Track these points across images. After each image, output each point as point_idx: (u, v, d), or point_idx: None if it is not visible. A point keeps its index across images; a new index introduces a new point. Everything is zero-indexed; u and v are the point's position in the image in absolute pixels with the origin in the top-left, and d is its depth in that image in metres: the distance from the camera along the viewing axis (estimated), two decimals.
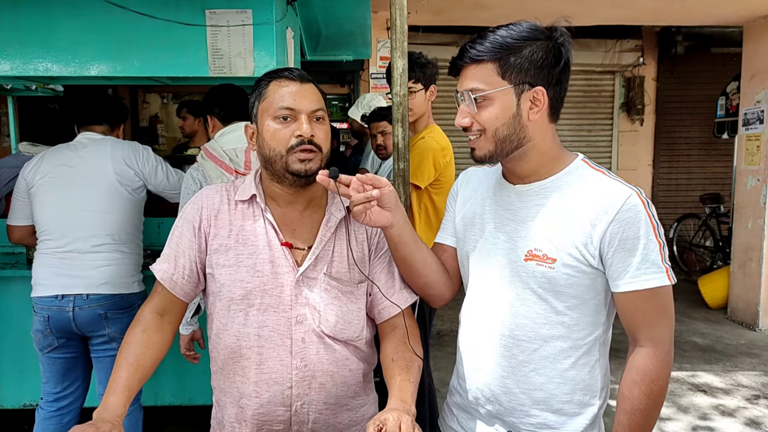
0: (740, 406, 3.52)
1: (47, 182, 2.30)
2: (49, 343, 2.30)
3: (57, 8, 2.31)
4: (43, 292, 2.27)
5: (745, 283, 5.10)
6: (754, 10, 4.67)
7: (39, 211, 2.32)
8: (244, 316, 1.26)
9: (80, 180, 2.30)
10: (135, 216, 2.41)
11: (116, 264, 2.31)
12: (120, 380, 1.18)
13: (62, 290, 2.24)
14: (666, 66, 7.04)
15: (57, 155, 2.35)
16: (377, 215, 1.21)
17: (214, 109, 2.38)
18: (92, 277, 2.27)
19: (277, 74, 1.29)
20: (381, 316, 1.36)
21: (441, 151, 2.42)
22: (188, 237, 1.30)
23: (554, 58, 1.13)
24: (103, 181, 2.31)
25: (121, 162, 2.35)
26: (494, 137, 1.15)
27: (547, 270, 1.15)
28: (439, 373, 3.82)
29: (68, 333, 2.29)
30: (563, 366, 1.18)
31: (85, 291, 2.25)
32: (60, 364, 2.34)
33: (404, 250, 1.28)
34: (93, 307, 2.26)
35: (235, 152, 2.24)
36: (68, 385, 2.37)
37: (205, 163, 2.24)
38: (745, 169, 5.11)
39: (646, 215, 1.11)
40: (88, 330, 2.29)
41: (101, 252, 2.29)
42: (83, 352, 2.38)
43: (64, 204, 2.28)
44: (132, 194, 2.37)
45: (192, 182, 2.24)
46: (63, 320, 2.25)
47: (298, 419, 1.27)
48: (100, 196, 2.30)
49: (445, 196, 2.46)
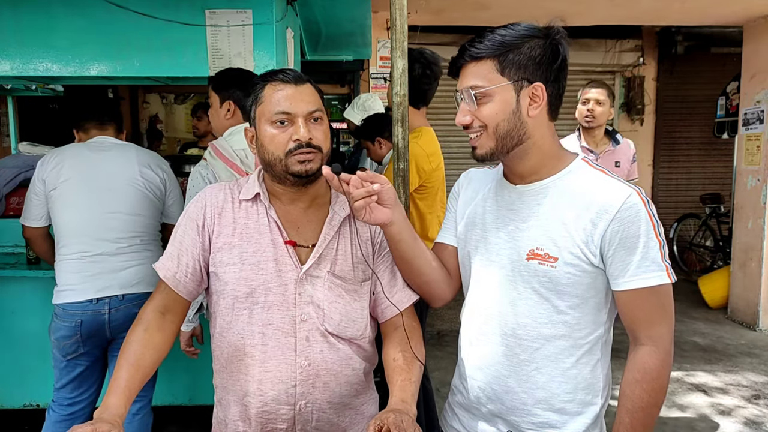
0: (740, 405, 3.52)
1: (72, 185, 2.24)
2: (75, 349, 2.26)
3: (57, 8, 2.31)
4: (74, 297, 2.22)
5: (745, 283, 5.10)
6: (754, 10, 4.67)
7: (64, 215, 2.25)
8: (248, 314, 1.26)
9: (108, 181, 2.26)
10: (158, 218, 2.41)
11: (146, 262, 2.30)
12: (120, 380, 1.18)
13: (97, 293, 2.21)
14: (666, 66, 7.04)
15: (79, 157, 2.29)
16: (377, 212, 1.21)
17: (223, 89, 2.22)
18: (125, 277, 2.25)
19: (272, 77, 1.28)
20: (383, 315, 1.36)
21: (426, 158, 2.36)
22: (192, 235, 1.30)
23: (552, 55, 1.15)
24: (132, 183, 2.29)
25: (148, 167, 2.34)
26: (495, 133, 1.16)
27: (548, 269, 1.15)
28: (439, 373, 3.82)
29: (97, 338, 2.26)
30: (565, 365, 1.18)
31: (121, 291, 2.23)
32: (79, 371, 2.31)
33: (404, 248, 1.28)
34: (129, 306, 2.24)
35: (245, 153, 2.16)
36: (84, 391, 2.34)
37: (215, 162, 2.14)
38: (745, 169, 5.11)
39: (646, 214, 1.11)
40: (119, 331, 2.26)
41: (131, 252, 2.27)
42: (101, 357, 2.36)
43: (91, 206, 2.24)
44: (156, 199, 2.36)
45: (201, 180, 2.12)
46: (97, 324, 2.22)
47: (302, 418, 1.27)
48: (129, 198, 2.28)
49: (431, 201, 2.48)
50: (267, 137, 1.25)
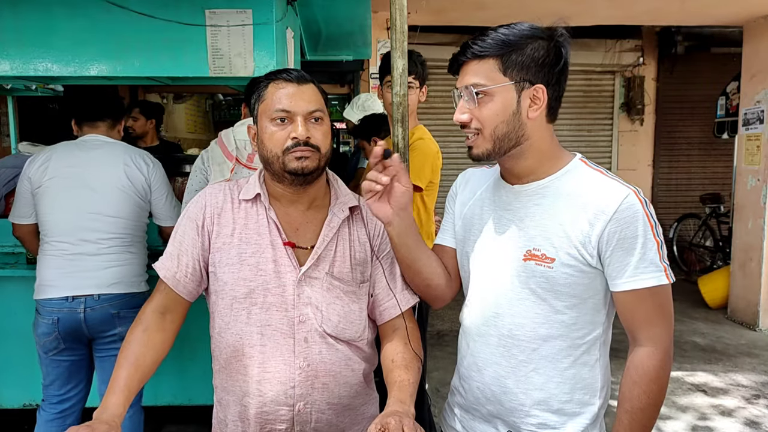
0: (740, 406, 3.52)
1: (56, 183, 2.26)
2: (55, 346, 2.27)
3: (57, 8, 2.31)
4: (51, 294, 2.23)
5: (745, 283, 5.10)
6: (754, 10, 4.67)
7: (47, 212, 2.27)
8: (247, 315, 1.26)
9: (92, 182, 2.26)
10: (143, 219, 2.40)
11: (126, 264, 2.30)
12: (120, 380, 1.19)
13: (73, 291, 2.22)
14: (666, 66, 7.04)
15: (66, 155, 2.31)
16: (379, 206, 1.21)
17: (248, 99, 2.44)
18: (103, 277, 2.25)
19: (276, 76, 1.30)
20: (382, 317, 1.37)
21: (437, 155, 2.43)
22: (191, 235, 1.31)
23: (555, 57, 1.14)
24: (116, 184, 2.28)
25: (133, 167, 2.33)
26: (492, 135, 1.15)
27: (546, 270, 1.15)
28: (439, 373, 3.82)
29: (76, 335, 2.26)
30: (563, 365, 1.18)
31: (97, 291, 2.23)
32: (65, 367, 2.32)
33: (404, 251, 1.28)
34: (105, 306, 2.24)
35: (245, 144, 2.27)
36: (72, 388, 2.35)
37: (214, 148, 2.30)
38: (745, 169, 5.11)
39: (644, 214, 1.11)
40: (97, 331, 2.26)
41: (111, 253, 2.27)
42: (87, 355, 2.36)
43: (74, 206, 2.24)
44: (141, 200, 2.35)
45: (196, 172, 2.36)
46: (73, 322, 2.22)
47: (301, 419, 1.27)
48: (112, 199, 2.27)
49: (435, 198, 2.49)
50: (267, 134, 1.26)
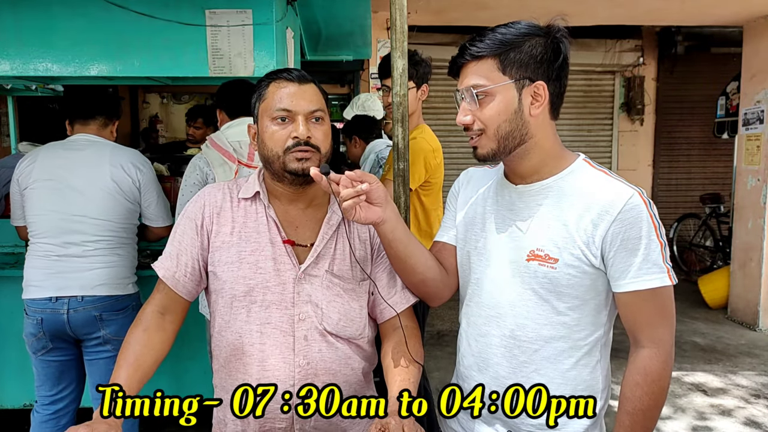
0: (740, 406, 3.52)
1: (42, 185, 2.24)
2: (42, 345, 2.26)
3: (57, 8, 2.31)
4: (35, 294, 2.22)
5: (745, 283, 5.10)
6: (754, 10, 4.67)
7: (33, 214, 2.26)
8: (247, 313, 1.26)
9: (77, 184, 2.23)
10: (131, 220, 2.36)
11: (112, 266, 2.28)
12: (119, 381, 1.18)
13: (56, 292, 2.20)
14: (666, 66, 7.04)
15: (52, 156, 2.29)
16: (367, 211, 1.19)
17: (222, 103, 2.50)
18: (87, 278, 2.23)
19: (277, 75, 1.30)
20: (382, 315, 1.36)
21: (432, 153, 2.39)
22: (190, 235, 1.31)
23: (553, 53, 1.14)
24: (102, 186, 2.25)
25: (120, 168, 2.28)
26: (496, 135, 1.15)
27: (549, 270, 1.15)
28: (439, 373, 3.82)
29: (62, 336, 2.25)
30: (564, 366, 1.18)
31: (80, 293, 2.21)
32: (54, 367, 2.31)
33: (398, 247, 1.26)
34: (88, 309, 2.22)
35: (240, 144, 2.28)
36: (63, 388, 2.33)
37: (209, 151, 2.28)
38: (745, 169, 5.11)
39: (648, 215, 1.10)
40: (82, 333, 2.25)
41: (97, 255, 2.25)
42: (77, 355, 2.34)
43: (59, 208, 2.22)
44: (129, 202, 2.32)
45: (193, 169, 2.29)
46: (57, 323, 2.21)
47: (301, 417, 1.27)
48: (97, 203, 2.24)
49: (434, 197, 2.49)
50: (267, 134, 1.26)
